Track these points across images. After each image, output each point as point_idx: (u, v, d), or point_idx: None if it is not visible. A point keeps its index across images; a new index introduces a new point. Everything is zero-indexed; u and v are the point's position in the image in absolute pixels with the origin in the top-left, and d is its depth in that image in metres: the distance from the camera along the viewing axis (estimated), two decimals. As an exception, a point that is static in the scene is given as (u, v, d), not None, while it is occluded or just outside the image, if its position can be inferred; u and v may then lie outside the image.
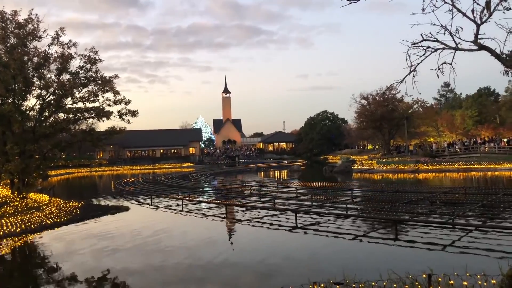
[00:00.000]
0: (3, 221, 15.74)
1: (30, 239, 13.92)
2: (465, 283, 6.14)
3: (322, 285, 6.51)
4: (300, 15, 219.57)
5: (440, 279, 6.32)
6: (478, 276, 6.12)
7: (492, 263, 8.28)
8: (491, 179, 29.73)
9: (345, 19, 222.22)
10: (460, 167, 38.57)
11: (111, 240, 13.28)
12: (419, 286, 6.33)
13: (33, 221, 15.89)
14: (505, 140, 47.99)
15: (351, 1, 5.53)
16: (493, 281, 5.94)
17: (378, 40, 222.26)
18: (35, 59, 22.32)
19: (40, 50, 22.46)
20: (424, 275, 6.07)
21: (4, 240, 13.63)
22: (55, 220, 16.37)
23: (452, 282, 6.18)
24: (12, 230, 14.49)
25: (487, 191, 19.56)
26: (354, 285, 6.51)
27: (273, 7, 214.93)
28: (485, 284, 6.00)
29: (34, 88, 22.52)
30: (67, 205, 20.09)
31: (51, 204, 20.42)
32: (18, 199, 20.34)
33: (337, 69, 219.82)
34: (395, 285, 6.54)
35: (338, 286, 6.64)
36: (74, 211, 18.44)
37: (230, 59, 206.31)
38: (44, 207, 19.47)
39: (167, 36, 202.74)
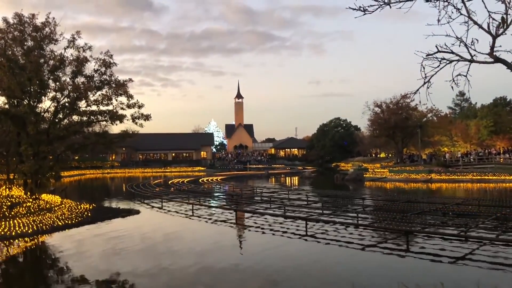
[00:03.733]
0: (15, 221, 15.93)
1: (41, 240, 14.07)
2: (476, 298, 6.04)
3: (330, 296, 6.44)
4: (313, 21, 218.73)
5: (451, 294, 6.21)
6: (490, 292, 6.00)
7: (506, 277, 8.13)
8: (506, 191, 29.24)
9: (358, 26, 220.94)
10: (474, 178, 37.96)
11: (121, 243, 13.34)
12: (430, 300, 6.24)
13: (44, 222, 16.05)
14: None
15: (365, 12, 5.48)
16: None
17: (391, 48, 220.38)
18: (51, 62, 22.67)
19: (56, 53, 22.84)
20: (434, 289, 5.98)
21: (16, 240, 13.80)
22: (67, 221, 16.51)
23: (463, 297, 6.08)
24: (24, 230, 14.66)
25: (501, 204, 19.20)
26: (363, 297, 6.43)
27: (286, 14, 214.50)
28: (497, 300, 5.89)
29: (49, 90, 22.81)
30: (79, 207, 20.24)
31: (63, 205, 20.59)
32: (30, 200, 20.55)
33: (349, 76, 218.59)
34: (405, 298, 6.45)
35: (346, 298, 6.56)
36: (85, 213, 18.58)
37: (243, 64, 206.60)
38: (56, 208, 19.65)
39: (181, 40, 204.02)
